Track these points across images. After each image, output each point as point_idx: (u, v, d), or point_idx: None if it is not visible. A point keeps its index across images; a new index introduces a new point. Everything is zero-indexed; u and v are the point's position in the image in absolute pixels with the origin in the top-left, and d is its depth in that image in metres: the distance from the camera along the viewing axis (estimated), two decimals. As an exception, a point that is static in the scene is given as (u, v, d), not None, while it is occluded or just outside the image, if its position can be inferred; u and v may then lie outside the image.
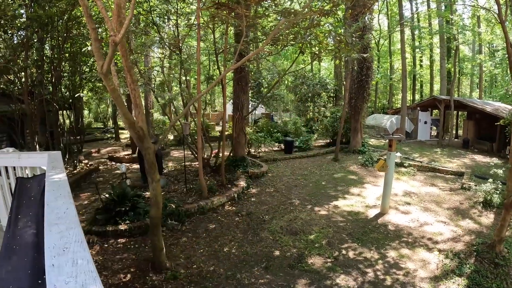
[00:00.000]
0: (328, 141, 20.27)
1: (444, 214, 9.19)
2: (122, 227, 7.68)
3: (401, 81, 22.11)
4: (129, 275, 6.04)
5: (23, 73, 13.48)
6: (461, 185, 11.42)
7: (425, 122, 22.73)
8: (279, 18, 8.23)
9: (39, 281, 1.97)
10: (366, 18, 15.15)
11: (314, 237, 7.83)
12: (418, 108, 22.54)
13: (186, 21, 12.36)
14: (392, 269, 6.46)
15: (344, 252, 7.19)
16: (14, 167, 4.69)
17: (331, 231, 8.18)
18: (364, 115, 19.35)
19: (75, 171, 13.16)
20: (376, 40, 33.06)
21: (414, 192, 11.06)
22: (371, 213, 9.35)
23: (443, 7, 26.57)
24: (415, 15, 32.53)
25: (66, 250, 1.53)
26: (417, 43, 33.08)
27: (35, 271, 2.06)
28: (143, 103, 14.04)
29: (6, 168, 4.78)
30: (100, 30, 12.50)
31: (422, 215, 9.13)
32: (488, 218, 8.95)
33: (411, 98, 34.87)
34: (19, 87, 14.05)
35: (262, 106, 26.74)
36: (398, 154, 12.40)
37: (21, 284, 1.97)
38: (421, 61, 36.41)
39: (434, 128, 24.54)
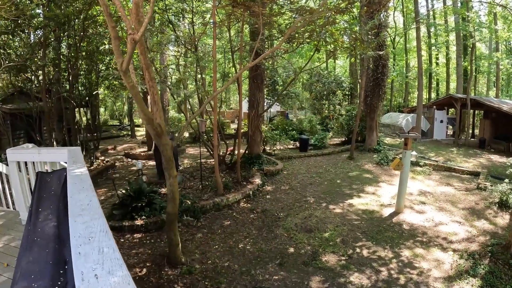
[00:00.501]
0: (343, 139, 20.15)
1: (459, 214, 9.09)
2: (138, 222, 7.80)
3: (417, 79, 21.86)
4: (144, 269, 6.14)
5: (40, 72, 13.75)
6: (477, 185, 11.26)
7: (441, 121, 22.42)
8: (294, 16, 8.21)
9: (61, 271, 2.04)
10: (382, 15, 15.03)
11: (329, 235, 7.84)
12: (434, 106, 22.23)
13: (202, 19, 12.42)
14: (406, 268, 6.43)
15: (358, 250, 7.18)
16: (33, 163, 4.81)
17: (345, 229, 8.17)
18: (380, 114, 19.20)
19: (91, 168, 13.38)
20: (392, 38, 32.72)
21: (430, 191, 10.95)
22: (386, 212, 9.30)
23: (459, 4, 26.17)
24: (431, 12, 32.08)
25: (91, 239, 1.58)
26: (433, 41, 32.60)
27: (56, 262, 2.12)
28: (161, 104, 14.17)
29: (25, 163, 4.90)
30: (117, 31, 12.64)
31: (437, 214, 9.05)
32: (503, 219, 8.83)
33: (427, 97, 34.35)
34: (37, 85, 14.33)
35: (277, 104, 26.70)
36: (414, 153, 12.28)
37: (42, 273, 2.03)
38: (437, 59, 35.88)
39: (450, 127, 24.20)
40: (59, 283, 1.92)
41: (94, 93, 14.12)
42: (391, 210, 9.39)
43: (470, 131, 23.35)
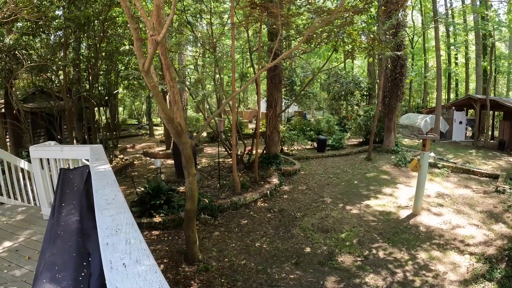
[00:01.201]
0: (361, 140, 20.03)
1: (476, 217, 8.96)
2: (157, 219, 7.92)
3: (436, 79, 21.54)
4: (162, 266, 6.25)
5: (61, 72, 14.05)
6: (496, 188, 11.07)
7: (460, 122, 22.04)
8: (312, 16, 8.22)
9: (84, 263, 2.11)
10: (400, 15, 14.89)
11: (345, 236, 7.83)
12: (453, 107, 21.87)
13: (219, 20, 12.53)
14: (421, 271, 6.39)
15: (374, 251, 7.16)
16: (55, 160, 4.95)
17: (362, 230, 8.16)
18: (398, 114, 19.01)
19: (110, 165, 13.58)
20: (410, 37, 32.30)
21: (447, 193, 10.82)
22: (403, 213, 9.24)
23: (478, 3, 25.68)
24: (449, 11, 31.53)
25: (118, 231, 1.65)
26: (452, 40, 32.01)
27: (79, 254, 2.19)
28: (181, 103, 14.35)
29: (48, 160, 5.04)
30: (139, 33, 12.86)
31: (454, 217, 8.94)
32: (522, 223, 8.68)
33: (446, 97, 33.81)
34: (58, 84, 14.65)
35: (295, 104, 26.69)
36: (432, 154, 12.16)
37: (66, 265, 2.10)
38: (456, 58, 35.22)
39: (469, 128, 23.76)
40: (83, 274, 1.99)
41: (115, 92, 14.36)
42: (408, 212, 9.32)
43: (490, 133, 22.92)
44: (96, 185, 2.48)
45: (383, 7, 12.59)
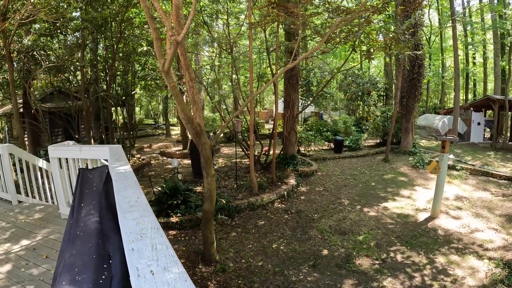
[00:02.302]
0: (378, 141, 19.81)
1: (495, 221, 8.76)
2: (174, 219, 7.94)
3: (454, 79, 21.16)
4: (179, 266, 6.24)
5: (79, 72, 14.26)
6: (515, 191, 10.83)
7: (478, 123, 21.57)
8: (330, 16, 8.13)
9: (105, 265, 2.08)
10: (417, 14, 14.68)
11: (363, 238, 7.74)
12: (471, 108, 21.42)
13: (236, 20, 12.53)
14: (440, 275, 6.26)
15: (392, 254, 7.05)
16: (73, 159, 4.99)
17: (379, 232, 8.05)
18: (415, 115, 18.73)
19: (128, 165, 13.71)
20: (427, 37, 31.83)
21: (466, 196, 10.61)
22: (421, 216, 9.09)
23: (495, 1, 25.17)
24: (467, 10, 30.96)
25: (143, 236, 1.61)
26: (469, 39, 31.39)
27: (100, 256, 2.16)
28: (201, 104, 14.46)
29: (66, 160, 5.08)
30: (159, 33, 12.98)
31: (473, 221, 8.75)
32: (542, 227, 8.45)
33: (464, 98, 33.18)
34: (75, 85, 14.86)
35: (312, 104, 26.59)
36: (451, 156, 11.95)
37: (86, 267, 2.08)
38: (474, 58, 34.48)
39: (488, 129, 23.26)
40: (104, 277, 1.96)
41: (133, 92, 14.51)
42: (426, 214, 9.17)
43: (508, 134, 22.37)
44: (117, 186, 2.46)
45: (401, 7, 12.41)
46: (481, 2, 28.95)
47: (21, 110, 14.13)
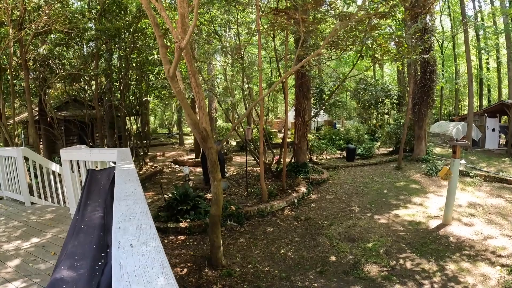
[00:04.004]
0: (391, 149, 19.67)
1: (509, 227, 8.61)
2: (183, 224, 8.05)
3: (467, 85, 20.91)
4: (185, 269, 6.32)
5: (93, 81, 14.60)
6: (530, 198, 10.63)
7: (493, 130, 21.18)
8: (336, 22, 8.20)
9: (103, 254, 2.21)
10: (427, 19, 14.64)
11: (372, 245, 7.69)
12: (486, 114, 21.05)
13: (247, 30, 12.70)
14: (450, 283, 6.17)
15: (401, 261, 6.99)
16: (84, 162, 5.14)
17: (389, 240, 7.99)
18: (429, 122, 18.56)
19: (140, 172, 13.93)
20: (440, 43, 31.60)
21: (479, 203, 10.47)
22: (433, 223, 8.99)
23: (507, 4, 24.86)
24: (479, 14, 30.61)
25: (132, 218, 1.73)
26: (482, 44, 30.94)
27: (99, 246, 2.30)
28: (207, 109, 14.63)
29: (77, 162, 5.24)
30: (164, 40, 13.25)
31: (486, 227, 8.62)
32: (556, 234, 8.28)
33: (478, 104, 32.59)
34: (90, 94, 15.22)
35: (325, 113, 26.54)
36: (463, 161, 11.75)
37: (85, 255, 2.19)
38: (487, 63, 33.88)
39: (503, 136, 22.84)
40: (99, 263, 2.08)
41: (144, 99, 14.76)
42: (438, 222, 9.07)
43: (524, 140, 21.95)
44: (118, 180, 2.58)
45: (408, 11, 12.41)
46: (492, 5, 28.66)
47: (37, 117, 14.52)
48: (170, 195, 9.14)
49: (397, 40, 8.74)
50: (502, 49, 29.34)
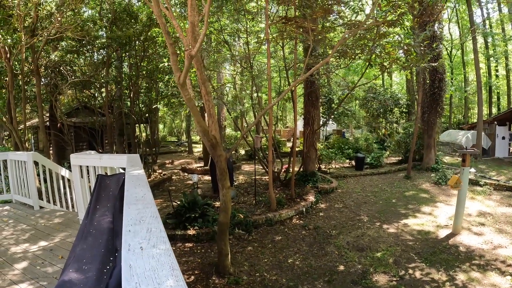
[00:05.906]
0: (400, 158, 19.58)
1: (520, 236, 8.51)
2: (191, 232, 8.05)
3: (476, 93, 20.76)
4: (192, 277, 6.31)
5: (103, 88, 14.76)
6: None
7: (503, 138, 20.94)
8: (344, 31, 8.23)
9: (111, 258, 2.22)
10: (436, 27, 14.62)
11: (381, 255, 7.62)
12: (495, 122, 20.87)
13: (256, 39, 12.78)
14: (459, 292, 6.11)
15: (410, 271, 6.92)
16: (94, 168, 5.19)
17: (398, 249, 7.92)
18: (438, 131, 18.46)
19: (149, 179, 13.97)
20: (448, 51, 31.48)
21: (489, 212, 10.35)
22: (442, 233, 8.90)
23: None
24: (487, 21, 30.48)
25: (142, 221, 1.75)
26: (491, 52, 30.76)
27: (108, 250, 2.31)
28: (216, 117, 14.70)
29: (87, 168, 5.30)
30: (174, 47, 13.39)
31: (496, 237, 8.52)
32: None
33: (488, 112, 32.29)
34: (100, 101, 15.37)
35: (334, 122, 26.53)
36: (473, 170, 11.66)
37: (94, 259, 2.21)
38: (496, 71, 33.64)
39: (513, 144, 22.56)
40: (108, 266, 2.09)
41: (154, 106, 14.88)
42: (447, 231, 8.98)
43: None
44: (128, 185, 2.60)
45: (416, 19, 12.40)
46: (501, 12, 28.55)
47: (47, 123, 14.68)
48: (179, 202, 9.16)
49: (405, 48, 8.74)
50: (511, 56, 29.17)
